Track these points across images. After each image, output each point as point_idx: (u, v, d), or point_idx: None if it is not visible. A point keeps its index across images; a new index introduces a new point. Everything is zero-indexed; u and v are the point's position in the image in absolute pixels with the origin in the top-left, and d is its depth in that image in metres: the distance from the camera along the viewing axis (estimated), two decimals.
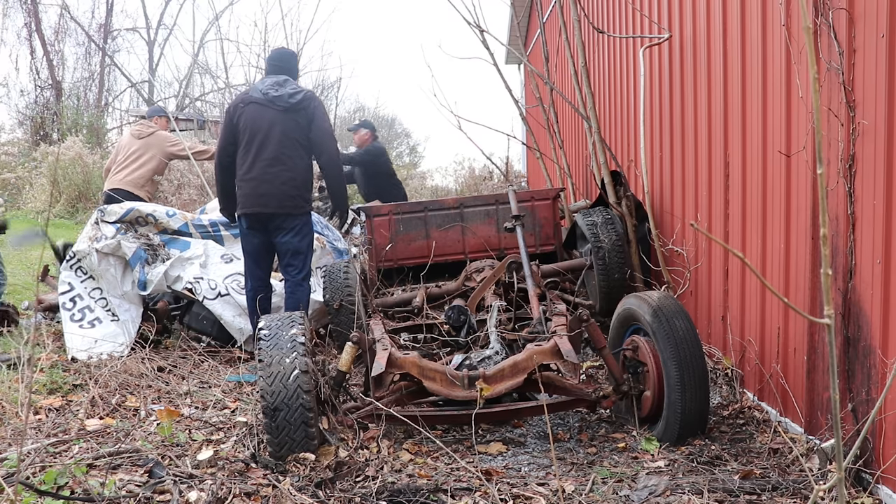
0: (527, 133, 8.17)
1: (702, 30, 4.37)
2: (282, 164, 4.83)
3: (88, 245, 5.27)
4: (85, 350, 4.92)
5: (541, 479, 3.14)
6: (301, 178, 4.92)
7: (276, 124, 4.84)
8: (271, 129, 4.84)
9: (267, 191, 4.82)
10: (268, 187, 4.82)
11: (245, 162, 4.91)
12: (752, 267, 1.18)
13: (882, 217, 2.72)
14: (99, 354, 4.91)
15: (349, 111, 27.04)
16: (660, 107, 5.14)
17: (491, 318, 4.21)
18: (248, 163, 4.90)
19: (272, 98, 4.85)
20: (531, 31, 12.21)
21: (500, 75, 6.91)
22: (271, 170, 4.83)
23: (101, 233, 5.35)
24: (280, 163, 4.83)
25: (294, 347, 3.22)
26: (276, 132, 4.84)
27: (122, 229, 5.48)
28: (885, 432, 2.75)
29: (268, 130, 4.85)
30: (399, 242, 5.73)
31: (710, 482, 2.92)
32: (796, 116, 3.34)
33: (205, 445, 3.40)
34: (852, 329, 2.95)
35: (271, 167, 4.83)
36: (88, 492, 2.73)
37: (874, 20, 2.73)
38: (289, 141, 4.86)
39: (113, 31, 22.54)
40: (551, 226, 5.81)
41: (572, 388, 3.58)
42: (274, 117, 4.85)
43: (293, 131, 4.87)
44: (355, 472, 3.08)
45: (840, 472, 1.26)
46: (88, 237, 5.35)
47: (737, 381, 4.02)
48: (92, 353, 4.90)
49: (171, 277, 5.43)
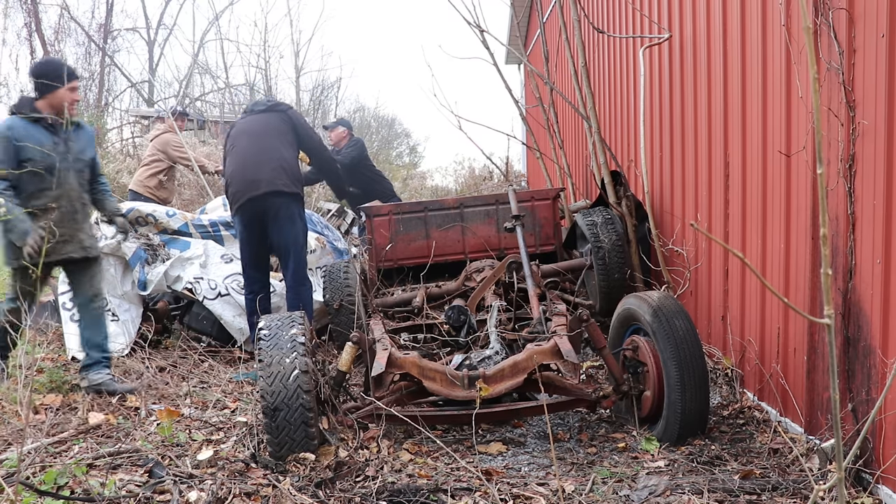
0: (527, 133, 8.17)
1: (702, 30, 4.37)
2: (268, 153, 5.05)
3: None
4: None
5: (541, 479, 3.14)
6: (288, 164, 5.09)
7: (258, 122, 5.20)
8: (254, 127, 5.20)
9: (255, 175, 4.98)
10: (255, 170, 4.99)
11: (233, 164, 5.14)
12: (752, 267, 1.18)
13: (882, 217, 2.72)
14: None
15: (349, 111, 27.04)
16: (660, 107, 5.14)
17: (491, 318, 4.21)
18: (235, 162, 5.12)
19: (251, 108, 5.35)
20: (531, 31, 12.21)
21: (500, 75, 6.91)
22: (259, 157, 5.04)
23: (101, 233, 5.35)
24: (266, 152, 5.05)
25: (294, 347, 3.22)
26: (258, 128, 5.18)
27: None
28: (885, 432, 2.75)
29: (251, 130, 5.19)
30: (399, 242, 5.73)
31: (710, 482, 2.92)
32: (796, 116, 3.34)
33: (205, 445, 3.40)
34: (852, 329, 2.95)
35: (258, 156, 5.05)
36: (88, 492, 2.73)
37: (874, 20, 2.73)
38: (273, 132, 5.15)
39: (113, 31, 22.52)
40: (551, 226, 5.81)
41: (572, 388, 3.58)
42: (255, 119, 5.24)
43: (276, 125, 5.19)
44: (355, 472, 3.08)
45: (840, 472, 1.26)
46: None
47: (737, 381, 4.02)
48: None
49: (171, 277, 5.43)
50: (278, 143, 5.12)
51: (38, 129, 4.14)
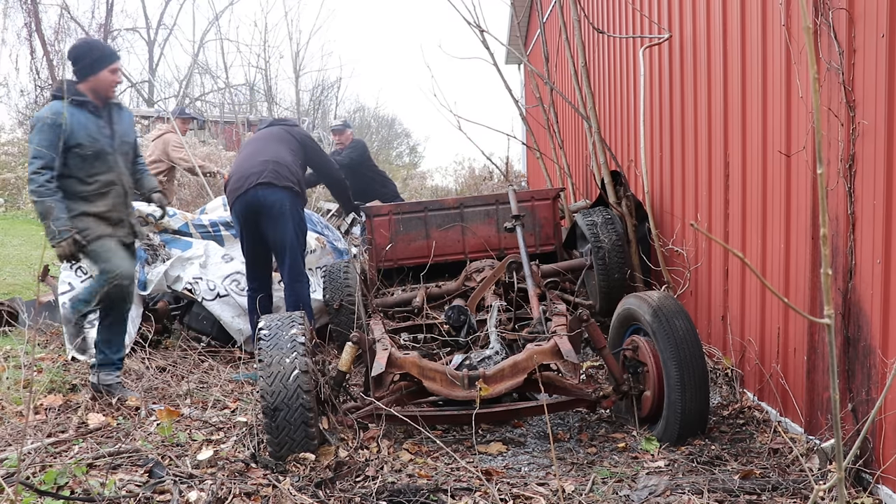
0: (527, 133, 8.17)
1: (702, 30, 4.36)
2: (265, 153, 5.18)
3: None
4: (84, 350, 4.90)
5: (541, 479, 3.14)
6: (284, 161, 5.17)
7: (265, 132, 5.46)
8: (260, 135, 5.45)
9: (248, 170, 5.09)
10: (249, 166, 5.12)
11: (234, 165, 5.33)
12: (752, 267, 1.18)
13: (882, 217, 2.72)
14: None
15: (349, 111, 27.06)
16: (660, 107, 5.14)
17: (491, 318, 4.21)
18: (236, 163, 5.32)
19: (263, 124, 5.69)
20: (531, 31, 12.21)
21: (500, 75, 6.91)
22: (255, 157, 5.17)
23: None
24: (263, 153, 5.19)
25: (294, 347, 3.22)
26: (263, 135, 5.42)
27: None
28: (885, 432, 2.75)
29: (257, 137, 5.43)
30: (399, 242, 5.73)
31: (710, 482, 2.92)
32: (796, 116, 3.34)
33: (205, 445, 3.40)
34: (852, 329, 2.95)
35: (255, 156, 5.18)
36: (88, 492, 2.73)
37: (874, 20, 2.73)
38: (276, 138, 5.33)
39: (113, 31, 22.53)
40: (551, 226, 5.81)
41: (572, 388, 3.58)
42: (265, 130, 5.50)
43: (280, 134, 5.39)
44: (355, 472, 3.08)
45: (840, 472, 1.26)
46: None
47: (737, 381, 4.02)
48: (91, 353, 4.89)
49: (171, 277, 5.43)
50: (278, 146, 5.25)
51: (84, 112, 4.05)
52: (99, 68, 4.09)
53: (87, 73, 4.09)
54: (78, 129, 3.97)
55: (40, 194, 3.86)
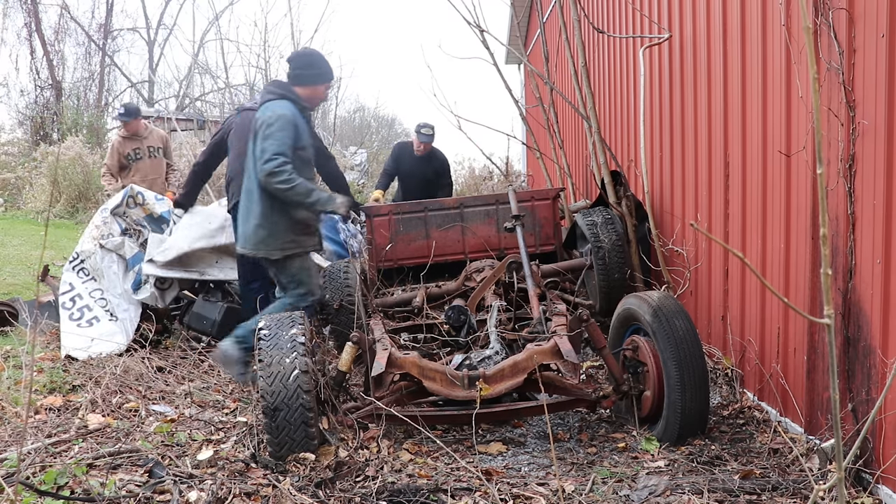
0: (527, 133, 8.17)
1: (702, 30, 4.36)
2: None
3: (93, 244, 5.30)
4: (81, 349, 4.91)
5: (541, 479, 3.14)
6: None
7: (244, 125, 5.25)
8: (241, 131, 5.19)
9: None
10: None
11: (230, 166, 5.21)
12: (752, 267, 1.18)
13: (882, 217, 2.72)
14: (98, 354, 4.90)
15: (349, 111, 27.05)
16: (660, 107, 5.14)
17: (491, 318, 4.21)
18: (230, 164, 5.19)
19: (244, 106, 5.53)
20: (531, 31, 12.21)
21: (500, 75, 6.91)
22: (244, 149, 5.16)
23: (108, 231, 5.39)
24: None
25: (294, 347, 3.22)
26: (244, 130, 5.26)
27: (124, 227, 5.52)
28: (885, 432, 2.75)
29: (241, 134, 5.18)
30: (399, 242, 5.73)
31: (710, 482, 2.92)
32: (796, 116, 3.34)
33: (205, 445, 3.40)
34: (852, 329, 2.95)
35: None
36: (88, 492, 2.73)
37: (874, 20, 2.73)
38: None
39: (113, 31, 22.54)
40: (551, 226, 5.81)
41: (572, 388, 3.58)
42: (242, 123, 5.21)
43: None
44: (355, 472, 3.08)
45: (840, 472, 1.26)
46: (92, 236, 5.38)
47: (737, 381, 4.02)
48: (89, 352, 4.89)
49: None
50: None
51: (304, 117, 4.20)
52: (321, 81, 4.27)
53: (311, 81, 4.24)
54: (303, 131, 4.12)
55: (292, 181, 3.97)
